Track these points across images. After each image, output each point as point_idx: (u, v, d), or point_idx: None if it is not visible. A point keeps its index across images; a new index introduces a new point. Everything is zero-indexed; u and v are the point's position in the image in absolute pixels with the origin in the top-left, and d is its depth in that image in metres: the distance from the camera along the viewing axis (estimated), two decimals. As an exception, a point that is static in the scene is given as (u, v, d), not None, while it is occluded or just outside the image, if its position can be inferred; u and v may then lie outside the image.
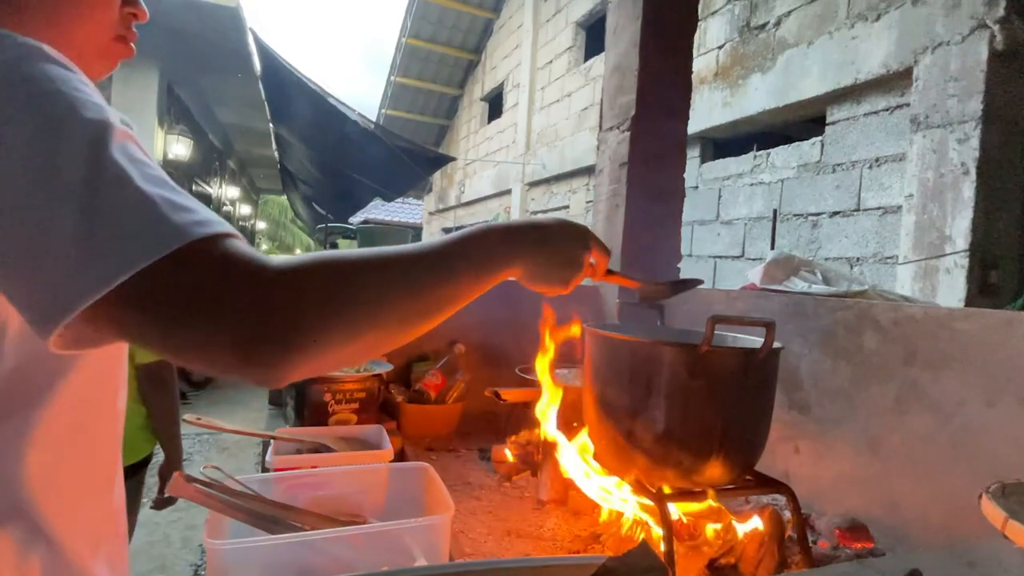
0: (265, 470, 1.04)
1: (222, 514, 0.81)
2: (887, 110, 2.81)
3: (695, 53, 1.94)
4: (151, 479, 1.79)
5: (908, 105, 2.62)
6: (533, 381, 1.41)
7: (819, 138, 3.18)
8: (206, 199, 8.09)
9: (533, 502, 1.16)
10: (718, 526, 0.94)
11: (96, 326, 0.34)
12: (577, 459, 1.03)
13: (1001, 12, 2.18)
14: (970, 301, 2.22)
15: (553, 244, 0.60)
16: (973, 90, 2.26)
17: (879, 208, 2.83)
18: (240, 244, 0.37)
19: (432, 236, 11.31)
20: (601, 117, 1.98)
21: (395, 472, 1.03)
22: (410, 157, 6.11)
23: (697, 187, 4.03)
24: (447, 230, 10.58)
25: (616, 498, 0.98)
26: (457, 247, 0.50)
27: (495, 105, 9.27)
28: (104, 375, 0.54)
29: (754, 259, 3.51)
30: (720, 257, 3.89)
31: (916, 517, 0.98)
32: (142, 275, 0.32)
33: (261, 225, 18.20)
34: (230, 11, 4.68)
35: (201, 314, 0.34)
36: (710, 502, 0.90)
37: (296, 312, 0.37)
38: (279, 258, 0.38)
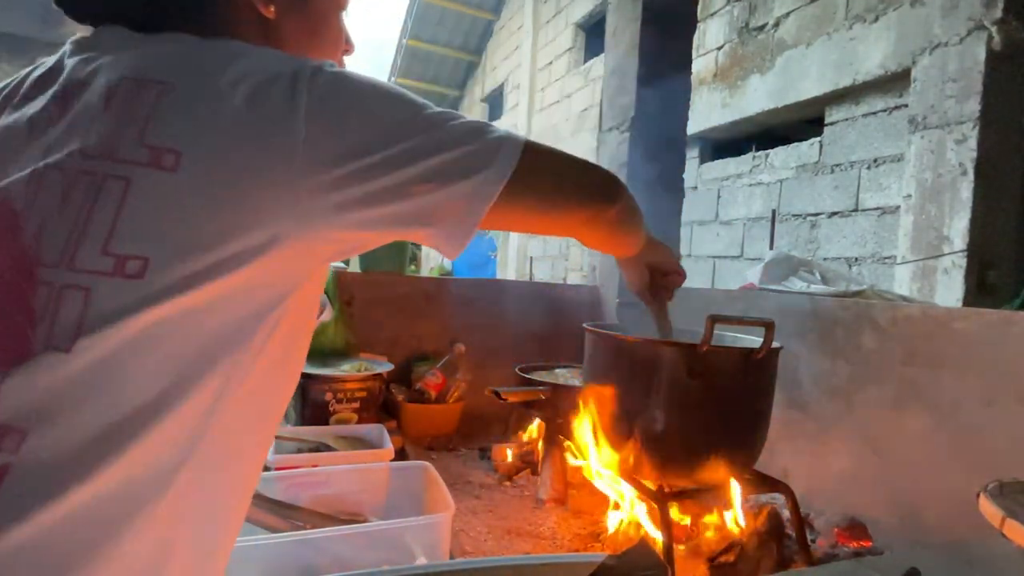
0: (266, 469, 1.04)
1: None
2: (885, 111, 2.82)
3: (694, 54, 1.95)
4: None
5: (906, 106, 2.62)
6: (533, 381, 1.42)
7: (818, 139, 3.18)
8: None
9: (533, 501, 1.17)
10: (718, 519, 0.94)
11: (500, 210, 0.46)
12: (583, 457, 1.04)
13: (999, 13, 2.19)
14: (968, 301, 2.23)
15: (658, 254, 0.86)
16: (971, 91, 2.26)
17: (877, 208, 2.83)
18: None
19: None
20: (601, 118, 1.99)
21: (396, 471, 1.03)
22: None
23: (696, 187, 4.04)
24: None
25: (615, 497, 0.98)
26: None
27: (495, 106, 9.27)
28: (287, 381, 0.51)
29: (753, 259, 3.51)
30: (719, 257, 3.89)
31: (914, 516, 0.98)
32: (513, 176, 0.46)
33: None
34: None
35: (563, 182, 0.55)
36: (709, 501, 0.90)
37: (612, 177, 0.61)
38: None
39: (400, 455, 1.30)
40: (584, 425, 1.01)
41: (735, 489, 0.91)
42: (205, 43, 0.44)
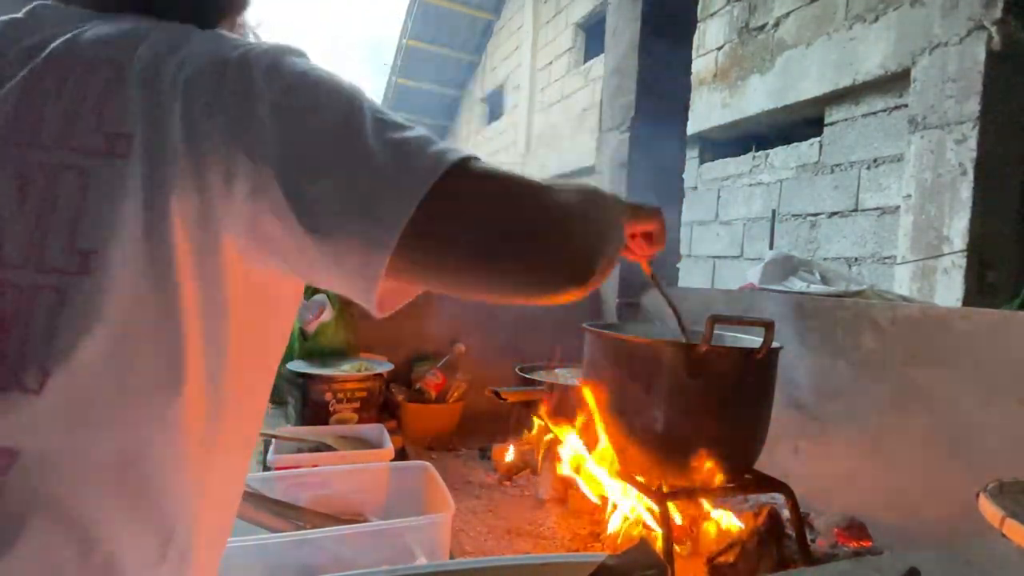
0: (266, 469, 1.04)
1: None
2: (885, 111, 2.82)
3: (694, 54, 1.95)
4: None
5: (906, 106, 2.62)
6: (533, 380, 1.42)
7: (817, 139, 3.18)
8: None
9: (533, 501, 1.17)
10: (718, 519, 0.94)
11: (407, 265, 0.37)
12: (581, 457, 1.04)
13: (999, 13, 2.19)
14: (968, 301, 2.23)
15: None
16: (971, 91, 2.26)
17: (877, 208, 2.83)
18: (491, 164, 0.41)
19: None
20: (601, 118, 1.99)
21: (396, 471, 1.03)
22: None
23: (696, 187, 4.04)
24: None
25: (617, 496, 0.98)
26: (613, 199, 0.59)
27: (495, 106, 9.27)
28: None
29: (753, 259, 3.51)
30: (719, 257, 3.89)
31: (914, 516, 0.98)
32: (425, 205, 0.35)
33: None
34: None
35: (489, 231, 0.38)
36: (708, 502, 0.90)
37: (588, 239, 0.43)
38: (548, 186, 0.42)
39: (400, 455, 1.30)
40: (585, 425, 1.01)
41: (735, 489, 0.91)
42: (159, 24, 0.42)
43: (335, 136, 0.38)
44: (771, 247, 3.24)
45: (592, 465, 1.02)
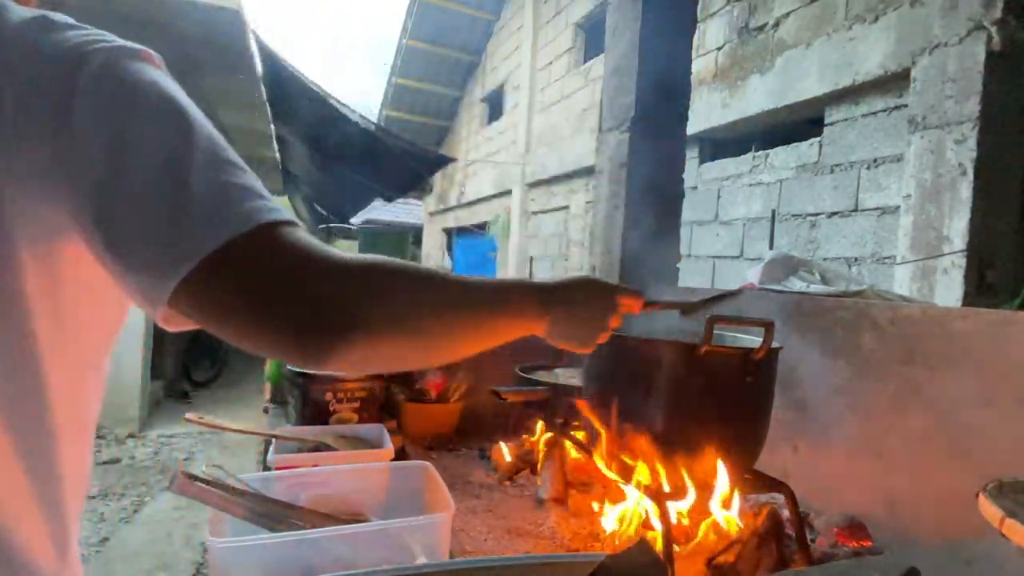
0: (267, 469, 1.04)
1: (224, 512, 0.81)
2: (885, 111, 2.82)
3: (694, 54, 1.95)
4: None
5: (906, 106, 2.62)
6: (533, 380, 1.42)
7: (817, 139, 3.19)
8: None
9: (533, 501, 1.17)
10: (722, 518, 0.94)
11: (185, 305, 0.38)
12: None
13: (998, 13, 2.19)
14: (967, 301, 2.23)
15: (580, 306, 0.65)
16: (970, 91, 2.26)
17: (877, 208, 2.84)
18: (303, 232, 0.41)
19: (432, 237, 11.31)
20: (601, 118, 1.99)
21: (396, 471, 1.03)
22: (411, 158, 6.12)
23: (696, 187, 4.04)
24: (447, 231, 10.57)
25: (631, 495, 0.98)
26: (495, 286, 0.56)
27: (495, 106, 9.28)
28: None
29: (753, 259, 3.52)
30: (719, 257, 3.90)
31: (914, 516, 0.99)
32: (217, 255, 0.36)
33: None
34: (232, 13, 4.68)
35: (265, 295, 0.39)
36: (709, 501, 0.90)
37: (352, 304, 0.41)
38: (339, 252, 0.41)
39: (400, 455, 1.30)
40: (585, 426, 1.01)
41: (735, 489, 0.91)
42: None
43: (158, 157, 0.37)
44: (771, 247, 3.24)
45: (598, 464, 1.02)
